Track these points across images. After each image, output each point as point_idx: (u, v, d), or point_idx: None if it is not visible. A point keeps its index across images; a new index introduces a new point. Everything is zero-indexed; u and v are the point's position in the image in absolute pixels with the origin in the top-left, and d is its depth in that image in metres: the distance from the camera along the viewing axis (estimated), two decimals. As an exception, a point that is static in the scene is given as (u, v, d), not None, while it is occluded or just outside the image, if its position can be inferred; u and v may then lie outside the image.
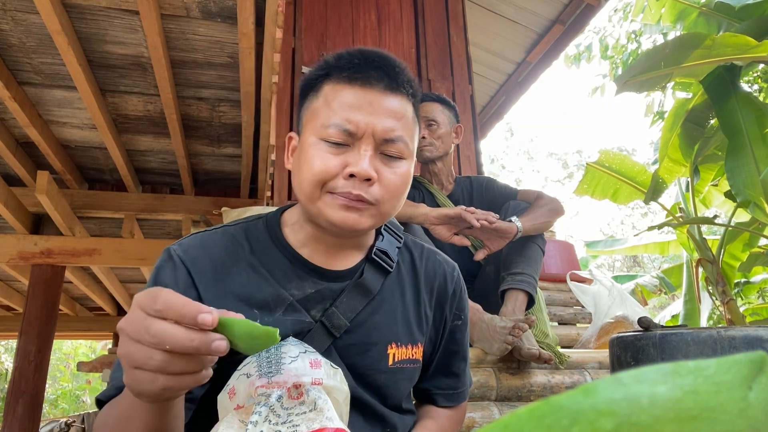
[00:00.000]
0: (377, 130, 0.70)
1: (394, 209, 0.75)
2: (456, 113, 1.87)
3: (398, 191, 0.73)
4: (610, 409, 0.14)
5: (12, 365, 3.25)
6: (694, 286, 3.37)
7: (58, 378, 11.47)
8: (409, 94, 0.75)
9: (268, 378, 0.66)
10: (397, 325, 0.79)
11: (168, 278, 0.71)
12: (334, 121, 0.70)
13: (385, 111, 0.71)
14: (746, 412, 0.15)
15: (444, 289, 0.86)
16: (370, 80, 0.71)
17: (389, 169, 0.72)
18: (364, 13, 3.24)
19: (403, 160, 0.73)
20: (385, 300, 0.79)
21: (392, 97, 0.73)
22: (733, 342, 0.93)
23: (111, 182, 3.22)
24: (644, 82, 2.46)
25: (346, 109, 0.70)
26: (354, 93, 0.71)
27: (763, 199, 2.32)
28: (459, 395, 0.89)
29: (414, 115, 0.77)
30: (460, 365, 0.89)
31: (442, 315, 0.85)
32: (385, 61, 0.74)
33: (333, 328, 0.73)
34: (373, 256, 0.80)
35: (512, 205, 1.70)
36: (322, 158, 0.70)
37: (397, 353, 0.77)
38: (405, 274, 0.84)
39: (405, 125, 0.73)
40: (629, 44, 6.31)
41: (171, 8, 1.79)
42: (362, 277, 0.78)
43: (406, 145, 0.73)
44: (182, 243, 0.75)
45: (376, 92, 0.72)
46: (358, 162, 0.69)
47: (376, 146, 0.71)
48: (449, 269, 0.88)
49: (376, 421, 0.77)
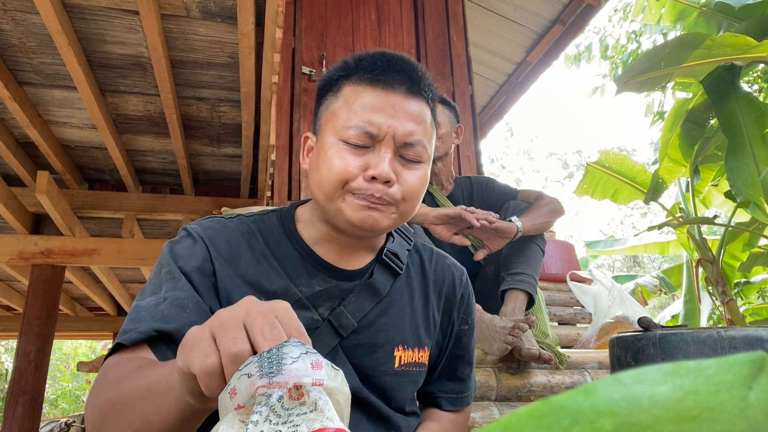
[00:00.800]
0: (398, 134, 0.71)
1: (413, 210, 0.75)
2: (456, 113, 1.87)
3: (417, 193, 0.74)
4: (610, 409, 0.14)
5: (12, 365, 3.25)
6: (694, 286, 3.37)
7: (58, 378, 11.47)
8: (428, 98, 0.76)
9: (269, 378, 0.66)
10: (405, 327, 0.78)
11: (186, 250, 0.71)
12: (355, 123, 0.70)
13: (406, 115, 0.72)
14: (746, 412, 0.15)
15: (452, 294, 0.86)
16: (393, 83, 0.72)
17: (408, 171, 0.73)
18: (364, 13, 3.24)
19: (421, 163, 0.74)
20: (393, 302, 0.79)
21: (413, 101, 0.73)
22: (733, 342, 0.93)
23: (111, 182, 3.22)
24: (644, 82, 2.46)
25: (367, 111, 0.71)
26: (376, 95, 0.72)
27: (763, 199, 2.32)
28: (463, 400, 0.89)
29: (432, 120, 0.78)
30: (465, 370, 0.89)
31: (450, 319, 0.85)
32: (408, 65, 0.74)
33: (340, 327, 0.73)
34: (384, 258, 0.80)
35: (512, 205, 1.70)
36: (343, 159, 0.70)
37: (403, 356, 0.77)
38: (414, 276, 0.84)
39: (424, 129, 0.74)
40: (629, 44, 6.31)
41: (171, 8, 1.79)
42: (372, 278, 0.78)
43: (424, 149, 0.74)
44: (201, 223, 0.76)
45: (398, 95, 0.72)
46: (378, 164, 0.70)
47: (395, 149, 0.71)
48: (458, 273, 0.88)
49: (381, 423, 0.76)
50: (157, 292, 0.67)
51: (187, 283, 0.67)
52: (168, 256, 0.70)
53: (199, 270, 0.69)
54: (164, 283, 0.67)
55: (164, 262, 0.70)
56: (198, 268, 0.69)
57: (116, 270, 4.53)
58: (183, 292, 0.65)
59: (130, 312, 0.66)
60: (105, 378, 0.58)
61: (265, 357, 0.69)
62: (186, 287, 0.67)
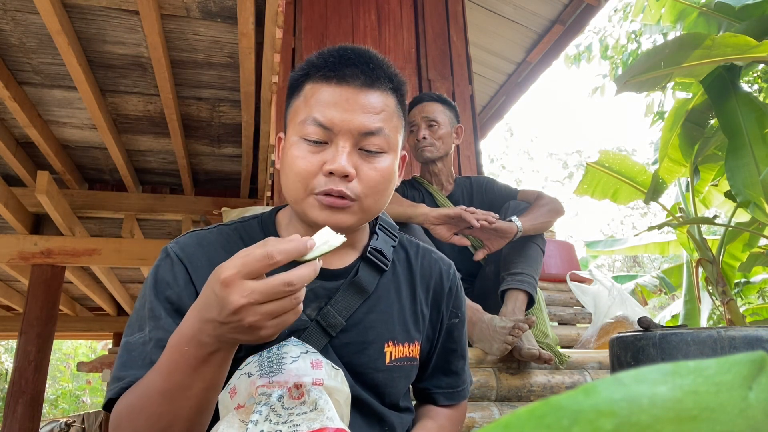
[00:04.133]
0: (353, 126, 0.71)
1: (377, 204, 0.75)
2: (456, 113, 1.87)
3: (379, 187, 0.73)
4: (610, 409, 0.14)
5: (12, 365, 3.25)
6: (694, 286, 3.37)
7: (58, 378, 11.47)
8: (389, 88, 0.75)
9: (269, 377, 0.66)
10: (394, 323, 0.79)
11: (167, 275, 0.72)
12: (311, 119, 0.71)
13: (361, 107, 0.72)
14: (746, 412, 0.15)
15: (440, 287, 0.86)
16: (346, 78, 0.72)
17: (368, 164, 0.72)
18: (364, 13, 3.23)
19: (384, 154, 0.74)
20: (381, 298, 0.79)
21: (370, 93, 0.73)
22: (733, 342, 0.93)
23: (111, 182, 3.22)
24: (644, 82, 2.45)
25: (322, 107, 0.71)
26: (331, 90, 0.72)
27: (763, 199, 2.32)
28: (459, 393, 0.89)
29: (397, 109, 0.77)
30: (459, 363, 0.89)
31: (439, 313, 0.85)
32: (361, 58, 0.74)
33: (329, 327, 0.74)
34: (368, 255, 0.80)
35: (512, 205, 1.70)
36: (303, 157, 0.71)
37: (394, 351, 0.77)
38: (401, 272, 0.84)
39: (384, 119, 0.73)
40: (629, 44, 6.31)
41: (171, 8, 1.79)
42: (357, 276, 0.78)
43: (386, 139, 0.73)
44: (179, 241, 0.76)
45: (352, 89, 0.72)
46: (335, 159, 0.70)
47: (354, 142, 0.71)
48: (445, 267, 0.88)
49: (375, 420, 0.77)
50: (142, 329, 0.69)
51: (169, 320, 0.69)
52: (151, 289, 0.71)
53: (180, 297, 0.71)
54: (147, 321, 0.69)
55: (147, 295, 0.71)
56: (179, 295, 0.71)
57: (116, 270, 4.54)
58: (165, 332, 0.66)
59: (121, 351, 0.69)
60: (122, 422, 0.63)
61: (265, 356, 0.69)
62: (168, 325, 0.68)
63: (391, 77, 0.76)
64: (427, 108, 1.81)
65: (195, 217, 3.25)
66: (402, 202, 1.63)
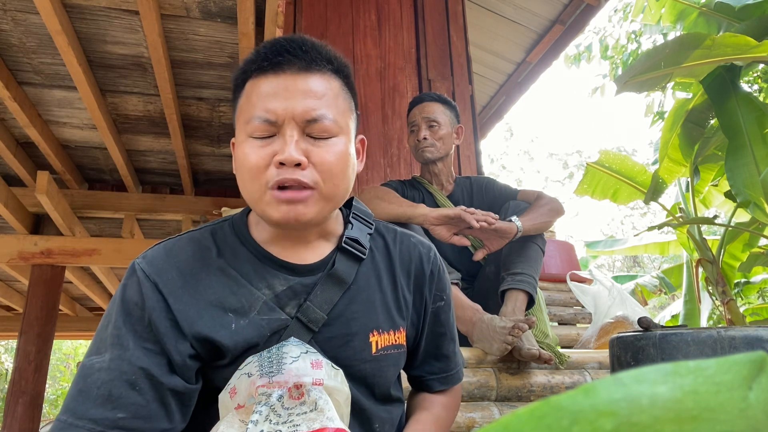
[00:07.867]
0: (297, 113, 0.69)
1: (337, 190, 0.73)
2: (457, 114, 1.87)
3: (334, 170, 0.71)
4: (610, 409, 0.14)
5: (12, 365, 3.25)
6: (694, 286, 3.37)
7: (58, 378, 11.46)
8: (329, 69, 0.74)
9: (269, 378, 0.66)
10: (377, 312, 0.77)
11: (135, 296, 0.68)
12: (255, 114, 0.70)
13: (301, 92, 0.70)
14: (746, 412, 0.15)
15: (421, 271, 0.84)
16: (282, 65, 0.71)
17: (319, 149, 0.70)
18: (364, 13, 3.23)
19: (334, 138, 0.72)
20: (361, 288, 0.78)
21: (308, 77, 0.71)
22: (733, 342, 0.93)
23: (111, 182, 3.22)
24: (644, 82, 2.46)
25: (263, 100, 0.70)
26: (268, 82, 0.71)
27: (763, 199, 2.32)
28: (453, 377, 0.88)
29: (343, 90, 0.76)
30: (449, 347, 0.88)
31: (422, 297, 0.84)
32: (294, 43, 0.73)
33: (310, 323, 0.72)
34: (344, 245, 0.79)
35: (512, 205, 1.70)
36: (253, 154, 0.70)
37: (379, 340, 0.77)
38: (379, 259, 0.82)
39: (328, 102, 0.72)
40: (629, 44, 6.31)
41: (171, 8, 1.80)
42: (334, 268, 0.76)
43: (333, 122, 0.72)
44: (146, 255, 0.73)
45: (289, 76, 0.71)
46: (284, 149, 0.68)
47: (301, 130, 0.70)
48: (425, 250, 0.87)
49: (364, 416, 0.76)
50: (101, 352, 0.65)
51: (137, 352, 0.65)
52: (118, 313, 0.68)
53: (150, 318, 0.67)
54: (109, 348, 0.65)
55: (113, 318, 0.68)
56: (150, 316, 0.67)
57: (116, 270, 4.53)
58: (130, 366, 0.64)
59: (78, 373, 0.65)
60: None
61: (265, 356, 0.69)
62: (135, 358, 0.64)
63: (330, 59, 0.74)
64: (428, 108, 1.81)
65: (195, 217, 3.25)
66: (401, 202, 1.63)
